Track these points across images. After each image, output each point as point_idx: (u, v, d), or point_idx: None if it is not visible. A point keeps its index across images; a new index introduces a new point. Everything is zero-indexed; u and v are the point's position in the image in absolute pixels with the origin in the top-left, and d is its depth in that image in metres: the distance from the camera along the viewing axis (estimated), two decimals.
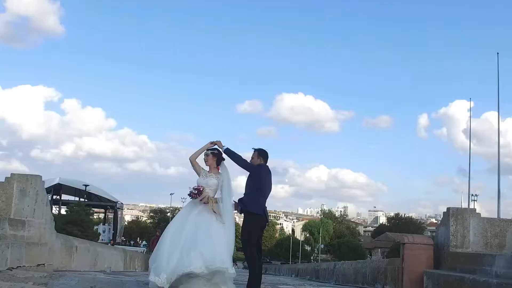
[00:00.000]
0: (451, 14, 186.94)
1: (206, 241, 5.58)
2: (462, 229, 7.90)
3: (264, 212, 6.69)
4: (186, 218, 5.93)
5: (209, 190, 6.14)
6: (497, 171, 31.65)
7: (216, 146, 6.42)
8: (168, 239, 5.71)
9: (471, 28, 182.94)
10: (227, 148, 6.41)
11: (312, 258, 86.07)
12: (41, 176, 7.73)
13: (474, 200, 46.06)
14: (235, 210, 6.57)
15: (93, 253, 10.79)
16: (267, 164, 6.86)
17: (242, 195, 6.68)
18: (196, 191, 6.07)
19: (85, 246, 10.26)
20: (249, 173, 6.64)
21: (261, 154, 6.85)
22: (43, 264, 7.33)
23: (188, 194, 6.14)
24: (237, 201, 6.55)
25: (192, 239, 5.58)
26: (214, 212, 5.96)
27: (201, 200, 6.03)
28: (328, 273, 16.67)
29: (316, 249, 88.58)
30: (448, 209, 8.10)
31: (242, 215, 6.71)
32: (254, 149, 6.92)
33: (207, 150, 6.36)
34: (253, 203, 6.56)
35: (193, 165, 6.30)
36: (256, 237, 6.57)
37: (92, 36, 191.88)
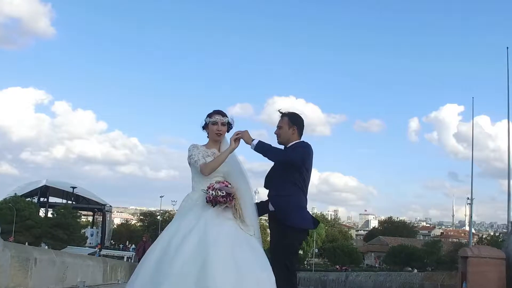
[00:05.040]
0: (443, 19, 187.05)
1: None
2: None
3: (314, 222, 4.21)
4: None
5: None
6: (507, 174, 29.94)
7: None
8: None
9: (463, 33, 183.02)
10: (259, 141, 4.05)
11: (305, 262, 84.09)
12: None
13: (469, 204, 43.76)
14: None
15: (61, 266, 8.70)
16: (303, 140, 4.27)
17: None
18: (224, 193, 3.64)
19: (48, 258, 8.19)
20: (287, 163, 4.13)
21: (295, 121, 4.26)
22: None
23: (209, 200, 3.65)
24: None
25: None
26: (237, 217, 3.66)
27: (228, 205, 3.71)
28: (339, 285, 14.68)
29: (309, 253, 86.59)
30: None
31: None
32: (282, 113, 4.32)
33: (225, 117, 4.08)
34: (299, 211, 4.11)
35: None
36: (297, 263, 4.27)
37: (83, 38, 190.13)
